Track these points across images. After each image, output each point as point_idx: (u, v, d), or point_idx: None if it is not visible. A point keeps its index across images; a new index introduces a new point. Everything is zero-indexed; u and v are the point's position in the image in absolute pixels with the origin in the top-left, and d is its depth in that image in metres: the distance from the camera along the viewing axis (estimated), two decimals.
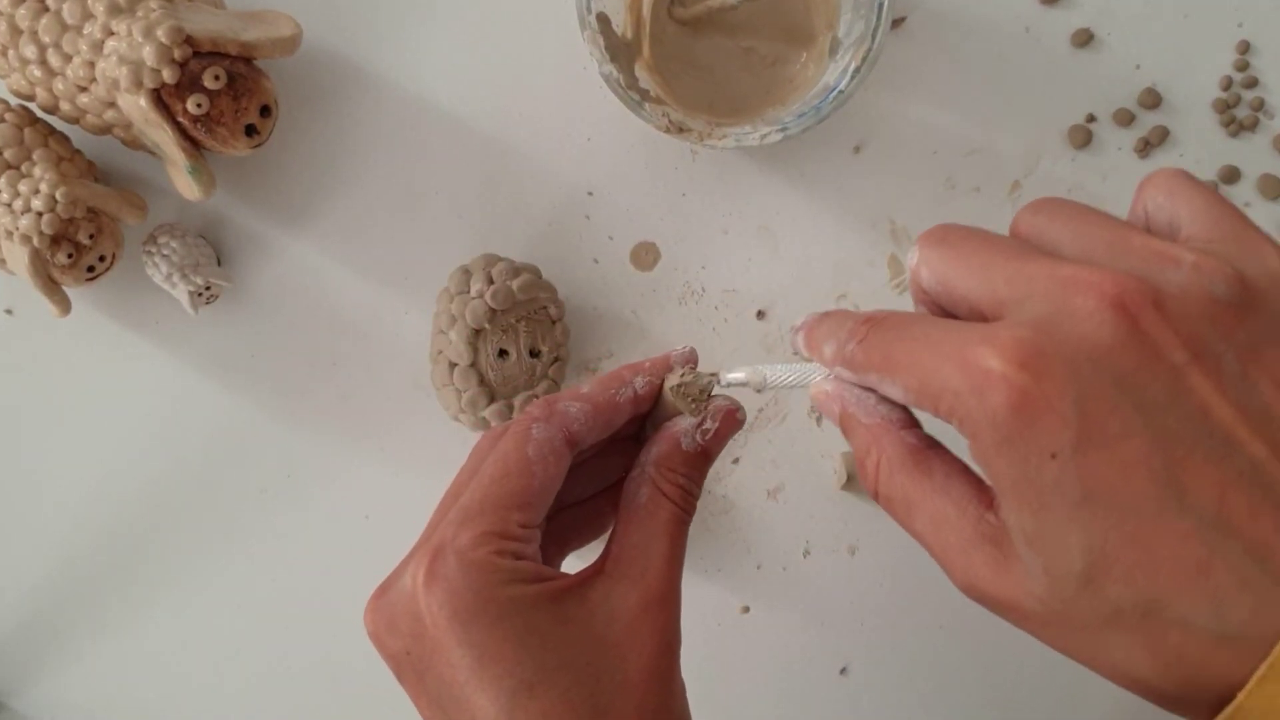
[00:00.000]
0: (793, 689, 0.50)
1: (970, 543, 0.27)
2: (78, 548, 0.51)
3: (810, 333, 0.31)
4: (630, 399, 0.35)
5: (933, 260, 0.28)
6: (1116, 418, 0.24)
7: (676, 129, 0.45)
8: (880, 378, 0.28)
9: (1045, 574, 0.25)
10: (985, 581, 0.27)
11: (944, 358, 0.26)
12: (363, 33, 0.50)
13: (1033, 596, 0.26)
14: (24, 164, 0.45)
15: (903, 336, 0.28)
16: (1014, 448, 0.24)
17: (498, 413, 0.45)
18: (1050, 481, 0.24)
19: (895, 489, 0.29)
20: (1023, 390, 0.24)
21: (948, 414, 0.26)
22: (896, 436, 0.29)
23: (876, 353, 0.28)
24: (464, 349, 0.45)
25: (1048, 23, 0.50)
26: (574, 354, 0.50)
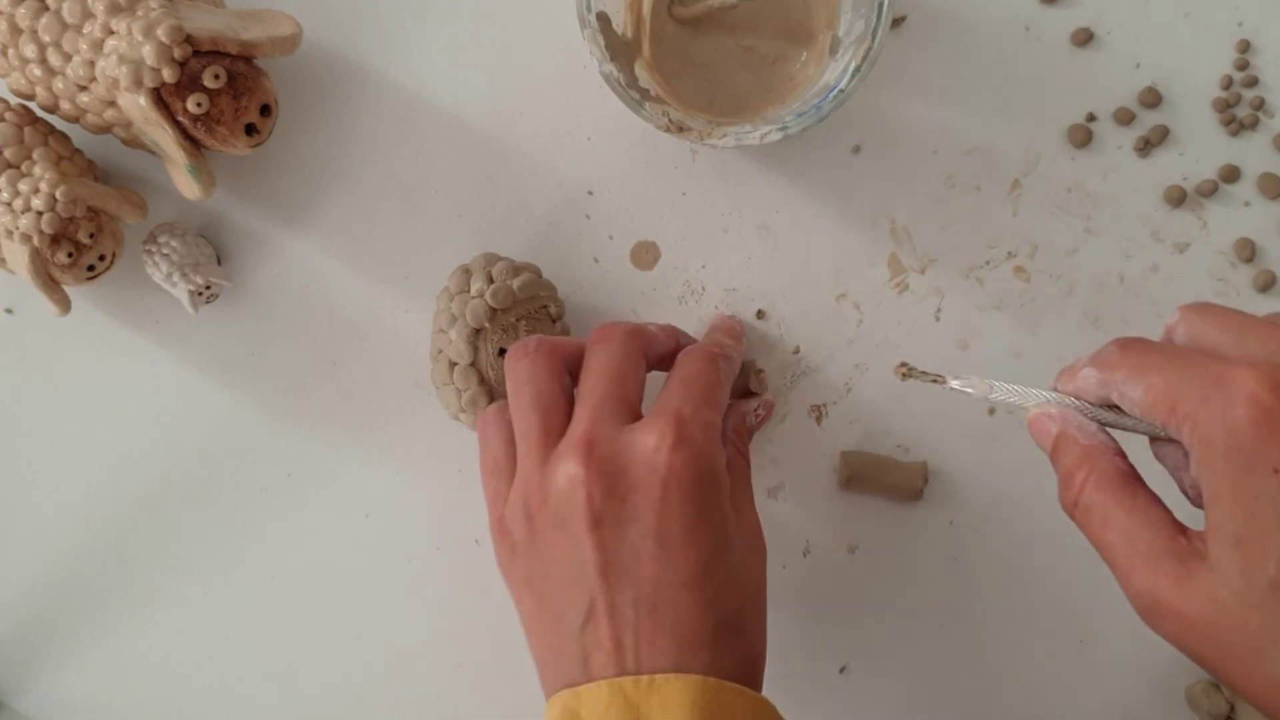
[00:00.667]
0: (792, 688, 0.50)
1: (1158, 555, 0.31)
2: (78, 547, 0.51)
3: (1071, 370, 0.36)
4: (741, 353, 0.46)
5: (1193, 322, 0.33)
6: None
7: (676, 128, 0.45)
8: (1126, 377, 0.32)
9: (1240, 575, 0.29)
10: (1163, 589, 0.30)
11: (1199, 369, 0.30)
12: (363, 32, 0.50)
13: (1214, 603, 0.29)
14: (24, 163, 0.45)
15: (1161, 350, 0.32)
16: (1244, 456, 0.29)
17: None
18: (1268, 492, 0.28)
19: (1096, 502, 0.33)
20: (1268, 409, 0.28)
21: (1183, 417, 0.30)
22: (1110, 458, 0.33)
23: (1134, 355, 0.33)
24: (464, 348, 0.45)
25: (1048, 21, 0.50)
26: None
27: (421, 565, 0.50)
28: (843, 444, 0.50)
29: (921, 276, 0.50)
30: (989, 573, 0.50)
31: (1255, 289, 0.49)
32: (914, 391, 0.49)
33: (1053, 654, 0.50)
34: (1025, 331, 0.50)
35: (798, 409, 0.50)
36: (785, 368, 0.50)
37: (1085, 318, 0.50)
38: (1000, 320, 0.50)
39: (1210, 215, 0.50)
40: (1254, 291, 0.50)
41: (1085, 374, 0.34)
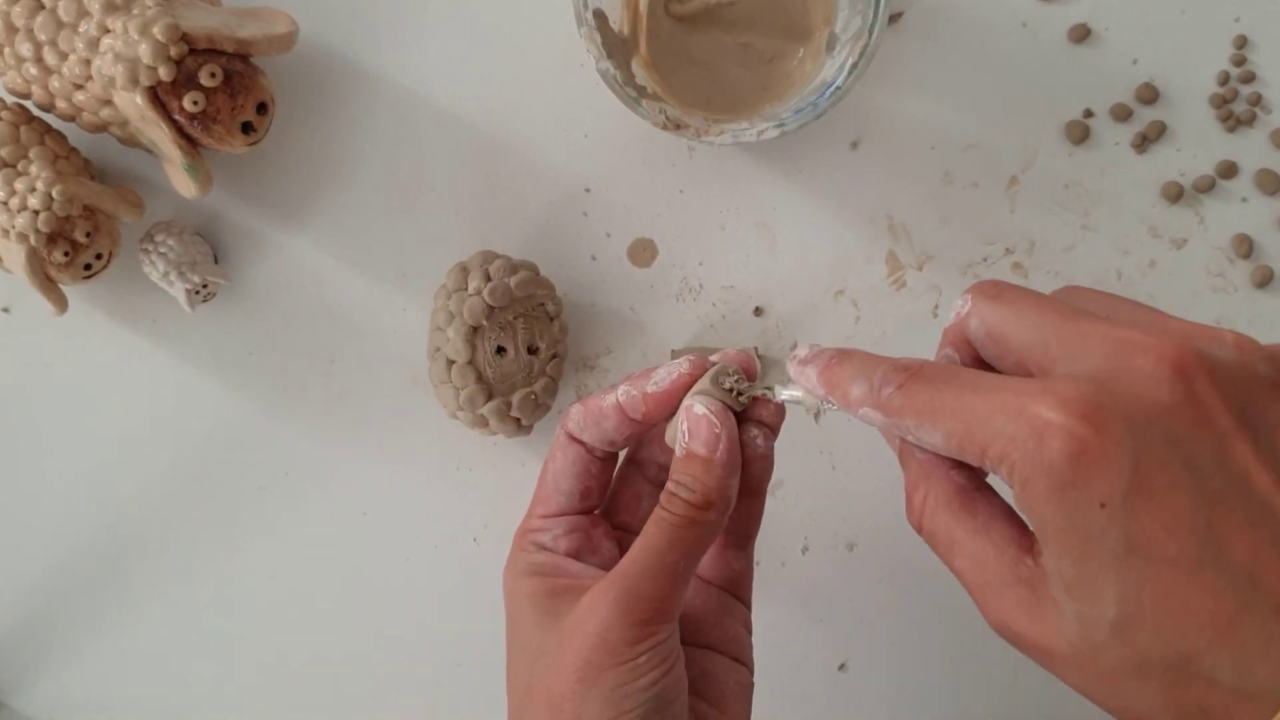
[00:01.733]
0: (791, 685, 0.50)
1: (1006, 584, 0.28)
2: (76, 546, 0.51)
3: (829, 371, 0.32)
4: (614, 405, 0.36)
5: (985, 312, 0.30)
6: (1166, 474, 0.25)
7: (674, 125, 0.45)
8: (918, 423, 0.29)
9: (1078, 620, 0.26)
10: (1017, 622, 0.28)
11: (997, 406, 0.27)
12: (359, 30, 0.50)
13: (1063, 640, 0.27)
14: (20, 162, 0.45)
15: (949, 385, 0.28)
16: (1066, 495, 0.26)
17: (495, 410, 0.45)
18: (1096, 530, 0.25)
19: (939, 526, 0.30)
20: (1082, 440, 0.25)
21: (996, 460, 0.27)
22: (946, 475, 0.30)
23: (919, 399, 0.29)
24: (462, 346, 0.45)
25: (1045, 18, 0.50)
26: (572, 350, 0.50)
27: (419, 563, 0.50)
28: (842, 442, 0.50)
29: (919, 273, 0.50)
30: None
31: (1253, 285, 0.49)
32: None
33: None
34: None
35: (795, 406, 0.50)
36: (783, 365, 0.50)
37: None
38: None
39: (1208, 211, 0.50)
40: (1251, 287, 0.50)
41: (866, 414, 0.30)
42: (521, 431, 0.47)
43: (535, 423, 0.47)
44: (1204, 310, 0.50)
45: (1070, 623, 0.26)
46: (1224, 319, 0.50)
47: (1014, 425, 0.26)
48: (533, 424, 0.47)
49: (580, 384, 0.50)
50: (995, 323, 0.30)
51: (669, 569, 0.33)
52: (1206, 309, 0.50)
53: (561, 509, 0.38)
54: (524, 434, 0.47)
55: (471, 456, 0.50)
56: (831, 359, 0.32)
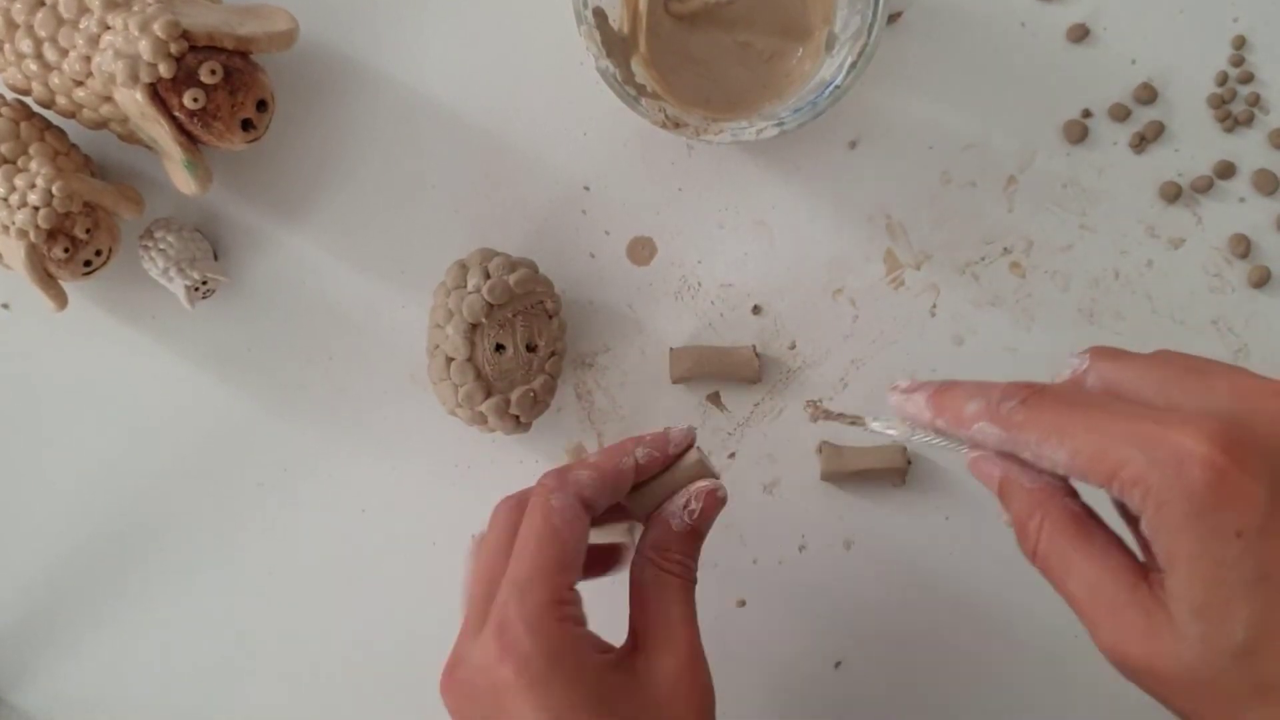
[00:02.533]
0: (788, 682, 0.50)
1: (1122, 607, 0.29)
2: (75, 543, 0.51)
3: (939, 396, 0.33)
4: (632, 467, 0.38)
5: (1105, 369, 0.31)
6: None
7: (673, 124, 0.45)
8: (1042, 439, 0.30)
9: (1203, 642, 0.27)
10: (1130, 644, 0.29)
11: (1135, 431, 0.28)
12: (359, 28, 0.50)
13: (1180, 663, 0.28)
14: (20, 158, 0.45)
15: (1079, 405, 0.30)
16: (1203, 522, 0.27)
17: (494, 407, 0.45)
18: (1231, 557, 0.27)
19: (1055, 551, 0.31)
20: (1224, 471, 0.27)
21: (1130, 482, 0.28)
22: (1061, 502, 0.31)
23: (1046, 414, 0.30)
24: (461, 343, 0.45)
25: (1043, 18, 0.50)
26: (571, 348, 0.50)
27: (417, 559, 0.51)
28: (826, 435, 0.50)
29: (917, 272, 0.50)
30: (984, 567, 0.50)
31: (1250, 285, 0.50)
32: None
33: (1048, 648, 0.50)
34: (1021, 327, 0.50)
35: (793, 405, 0.50)
36: (781, 363, 0.50)
37: (1080, 313, 0.50)
38: (996, 316, 0.50)
39: (1205, 211, 0.50)
40: (1248, 287, 0.50)
41: (981, 429, 0.31)
42: (520, 429, 0.47)
43: (533, 420, 0.47)
44: (1201, 310, 0.50)
45: (1192, 645, 0.27)
46: (1221, 319, 0.50)
47: (1153, 450, 0.27)
48: (531, 421, 0.47)
49: (579, 381, 0.50)
50: (1115, 377, 0.31)
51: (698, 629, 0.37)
52: (1203, 309, 0.50)
53: (577, 581, 0.37)
54: (522, 431, 0.47)
55: (470, 454, 0.50)
56: (943, 385, 0.33)
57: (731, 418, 0.50)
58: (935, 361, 0.50)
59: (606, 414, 0.50)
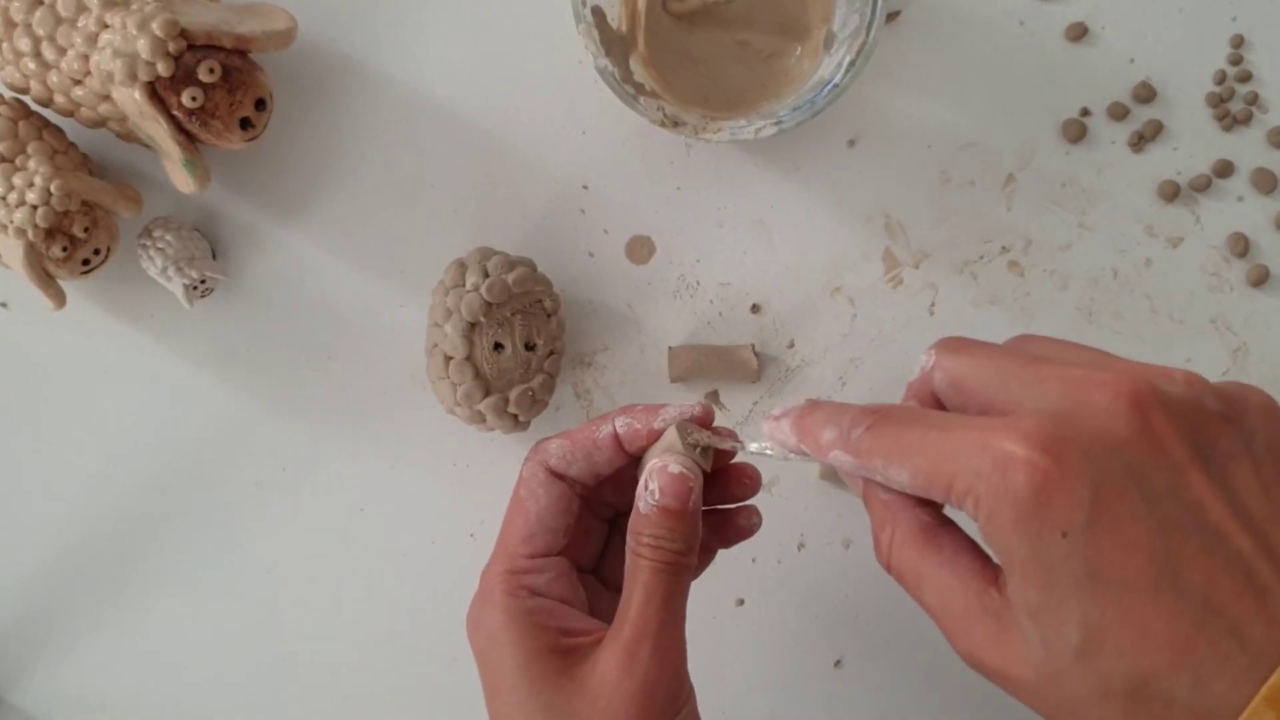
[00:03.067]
0: (787, 681, 0.50)
1: (972, 615, 0.29)
2: (73, 541, 0.51)
3: (802, 421, 0.33)
4: (610, 435, 0.37)
5: (948, 365, 0.31)
6: (1125, 503, 0.27)
7: (671, 123, 0.45)
8: (886, 463, 0.30)
9: (1043, 646, 0.27)
10: (984, 651, 0.29)
11: (962, 443, 0.28)
12: (358, 26, 0.50)
13: (1029, 667, 0.28)
14: (18, 157, 0.45)
15: (916, 424, 0.30)
16: (1029, 525, 0.27)
17: (493, 406, 0.45)
18: (1059, 558, 0.27)
19: (906, 563, 0.31)
20: (1045, 472, 0.26)
21: (962, 494, 0.28)
22: (911, 513, 0.32)
23: (887, 439, 0.30)
24: (459, 342, 0.45)
25: (1042, 16, 0.50)
26: (570, 347, 0.50)
27: (416, 559, 0.51)
28: None
29: (916, 271, 0.50)
30: None
31: (1248, 284, 0.50)
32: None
33: None
34: (1020, 326, 0.50)
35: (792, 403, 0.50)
36: (780, 362, 0.50)
37: (1079, 312, 0.50)
38: (995, 315, 0.50)
39: (1204, 210, 0.50)
40: (1247, 286, 0.50)
41: (837, 456, 0.32)
42: (519, 428, 0.47)
43: (532, 419, 0.47)
44: (1199, 309, 0.50)
45: (1035, 649, 0.27)
46: (1219, 317, 0.50)
47: (978, 460, 0.27)
48: (530, 420, 0.47)
49: (577, 380, 0.50)
50: (958, 373, 0.31)
51: (678, 615, 0.35)
52: (1202, 308, 0.50)
53: (549, 549, 0.37)
54: (521, 430, 0.47)
55: (468, 452, 0.50)
56: (803, 410, 0.34)
57: (730, 416, 0.50)
58: None
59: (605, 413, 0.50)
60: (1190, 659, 0.26)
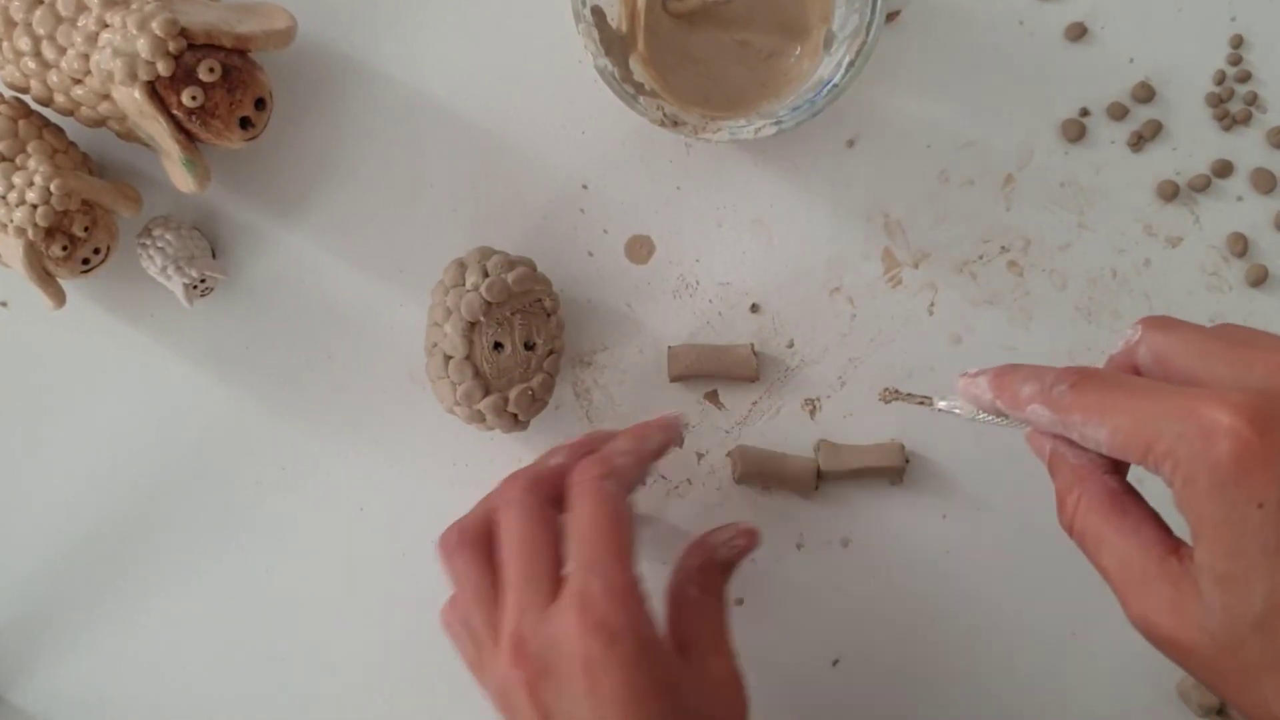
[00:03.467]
0: (785, 680, 0.50)
1: (1151, 580, 0.30)
2: (73, 540, 0.51)
3: (1001, 377, 0.35)
4: (653, 451, 0.42)
5: (1155, 340, 0.32)
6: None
7: (671, 122, 0.45)
8: (1086, 419, 0.31)
9: (1224, 611, 0.28)
10: (1159, 615, 0.30)
11: (1168, 407, 0.29)
12: (358, 26, 0.50)
13: (1204, 633, 0.29)
14: (18, 156, 0.45)
15: (1120, 386, 0.31)
16: (1226, 493, 0.28)
17: (492, 406, 0.45)
18: (1252, 527, 0.27)
19: (1090, 526, 0.32)
20: (1248, 443, 0.27)
21: (1162, 455, 0.29)
22: (1099, 478, 0.33)
23: (1090, 396, 0.31)
24: (459, 342, 0.45)
25: (1041, 16, 0.50)
26: (569, 347, 0.50)
27: (416, 558, 0.51)
28: (836, 437, 0.50)
29: (915, 271, 0.50)
30: (981, 566, 0.50)
31: (1248, 284, 0.50)
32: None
33: (1044, 647, 0.50)
34: (1019, 326, 0.50)
35: (791, 403, 0.50)
36: (779, 361, 0.50)
37: (1078, 312, 0.50)
38: (994, 315, 0.50)
39: (1203, 210, 0.50)
40: (1246, 286, 0.50)
41: (1034, 410, 0.33)
42: (518, 427, 0.47)
43: (531, 418, 0.47)
44: (1198, 309, 0.50)
45: (1214, 615, 0.28)
46: (1218, 317, 0.50)
47: (1183, 424, 0.28)
48: (529, 420, 0.47)
49: (577, 380, 0.50)
50: (1164, 349, 0.32)
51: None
52: (1201, 308, 0.50)
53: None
54: (520, 429, 0.47)
55: (468, 452, 0.50)
56: (1002, 368, 0.35)
57: (729, 416, 0.50)
58: (933, 360, 0.50)
59: (604, 412, 0.51)
60: None
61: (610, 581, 0.36)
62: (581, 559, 0.37)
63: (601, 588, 0.36)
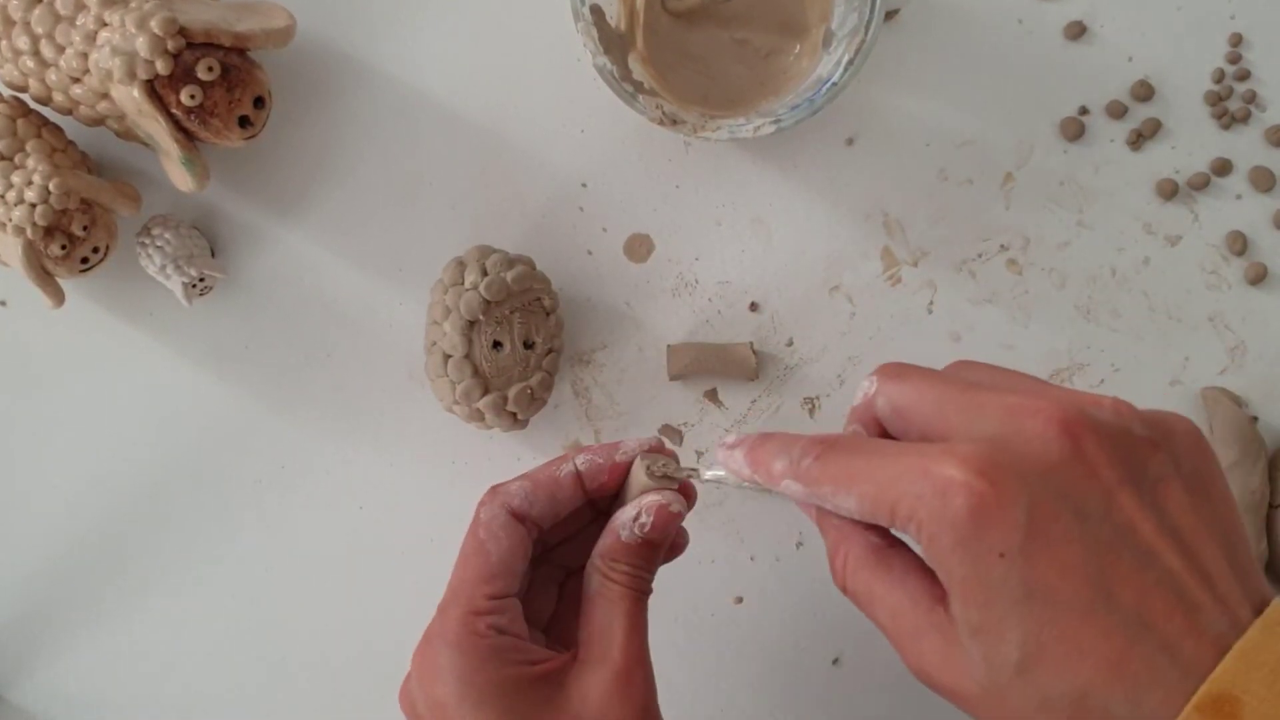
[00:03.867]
0: (785, 679, 0.50)
1: (921, 632, 0.30)
2: (72, 539, 0.51)
3: (754, 452, 0.34)
4: (572, 474, 0.38)
5: (890, 391, 0.32)
6: (1059, 525, 0.28)
7: (670, 121, 0.45)
8: (835, 490, 0.31)
9: (985, 662, 0.28)
10: (932, 667, 0.30)
11: (904, 469, 0.29)
12: (356, 24, 0.50)
13: (973, 682, 0.29)
14: (17, 155, 0.45)
15: (860, 453, 0.31)
16: (968, 547, 0.28)
17: (492, 404, 0.45)
18: (998, 578, 0.27)
19: (860, 584, 0.32)
20: (981, 495, 0.27)
21: (905, 519, 0.29)
22: (862, 536, 0.33)
23: (834, 467, 0.31)
24: (458, 340, 0.45)
25: (1040, 15, 0.50)
26: (568, 345, 0.50)
27: (415, 556, 0.51)
28: None
29: (914, 269, 0.50)
30: None
31: (1247, 282, 0.50)
32: None
33: None
34: (1018, 324, 0.50)
35: (790, 401, 0.50)
36: (778, 360, 0.50)
37: (1077, 310, 0.50)
38: (993, 313, 0.50)
39: (1202, 208, 0.50)
40: (1245, 284, 0.50)
41: (788, 485, 0.33)
42: (517, 425, 0.47)
43: (530, 417, 0.47)
44: (1198, 307, 0.50)
45: (978, 666, 0.28)
46: (1218, 316, 0.50)
47: (919, 485, 0.28)
48: (528, 418, 0.47)
49: (576, 378, 0.50)
50: (900, 400, 0.32)
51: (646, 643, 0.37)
52: (1200, 306, 0.50)
53: (509, 592, 0.37)
54: (519, 428, 0.47)
55: (466, 450, 0.50)
56: (756, 441, 0.34)
57: (729, 414, 0.50)
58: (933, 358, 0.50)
59: (604, 411, 0.51)
60: (1125, 674, 0.27)
61: (448, 619, 0.35)
62: (441, 602, 0.37)
63: (439, 627, 0.36)
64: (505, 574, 0.36)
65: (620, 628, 0.36)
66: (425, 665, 0.36)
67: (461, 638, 0.35)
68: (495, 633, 0.35)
